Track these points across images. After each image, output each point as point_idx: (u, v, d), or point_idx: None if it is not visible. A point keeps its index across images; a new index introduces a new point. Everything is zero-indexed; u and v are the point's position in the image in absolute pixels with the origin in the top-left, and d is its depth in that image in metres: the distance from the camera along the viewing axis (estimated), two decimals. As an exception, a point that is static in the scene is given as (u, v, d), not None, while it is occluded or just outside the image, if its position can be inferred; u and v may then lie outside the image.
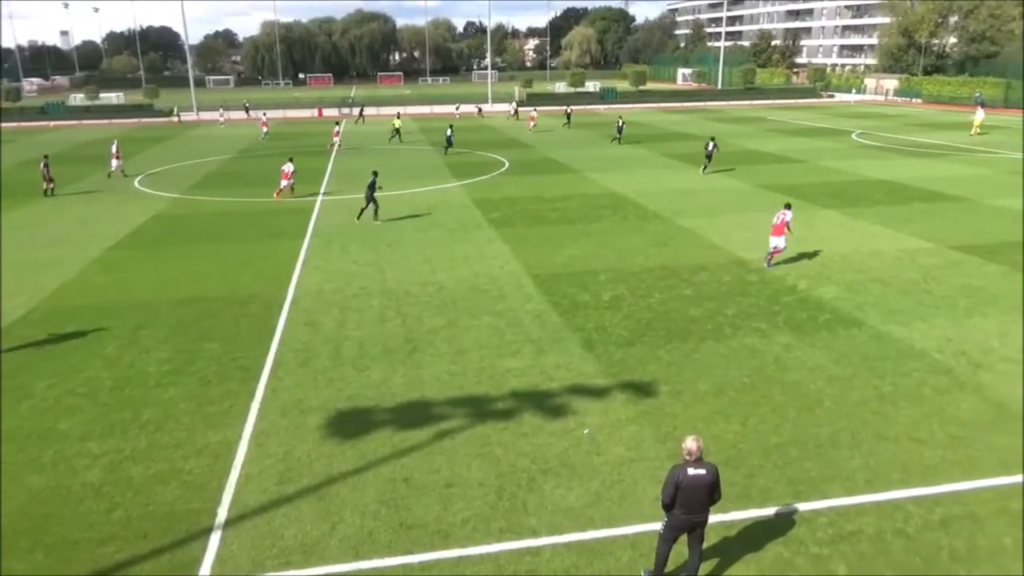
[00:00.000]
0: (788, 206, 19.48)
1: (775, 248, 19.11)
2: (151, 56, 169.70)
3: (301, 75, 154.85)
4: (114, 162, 35.74)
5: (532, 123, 56.39)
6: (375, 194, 24.77)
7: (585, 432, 10.98)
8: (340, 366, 13.46)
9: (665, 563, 7.73)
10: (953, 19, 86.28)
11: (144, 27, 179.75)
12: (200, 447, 10.69)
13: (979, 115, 50.63)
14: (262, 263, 20.28)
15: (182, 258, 21.04)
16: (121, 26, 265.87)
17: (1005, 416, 11.29)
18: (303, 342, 14.62)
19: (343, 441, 10.81)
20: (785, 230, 18.97)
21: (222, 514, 9.12)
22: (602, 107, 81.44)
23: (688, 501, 7.37)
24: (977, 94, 73.36)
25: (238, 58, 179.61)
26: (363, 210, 24.97)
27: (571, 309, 16.30)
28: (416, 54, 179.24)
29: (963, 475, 9.72)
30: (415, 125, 61.75)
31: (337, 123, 53.09)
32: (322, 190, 31.60)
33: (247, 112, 73.93)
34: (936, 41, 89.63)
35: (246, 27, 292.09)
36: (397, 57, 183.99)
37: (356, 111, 70.33)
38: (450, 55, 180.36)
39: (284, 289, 17.96)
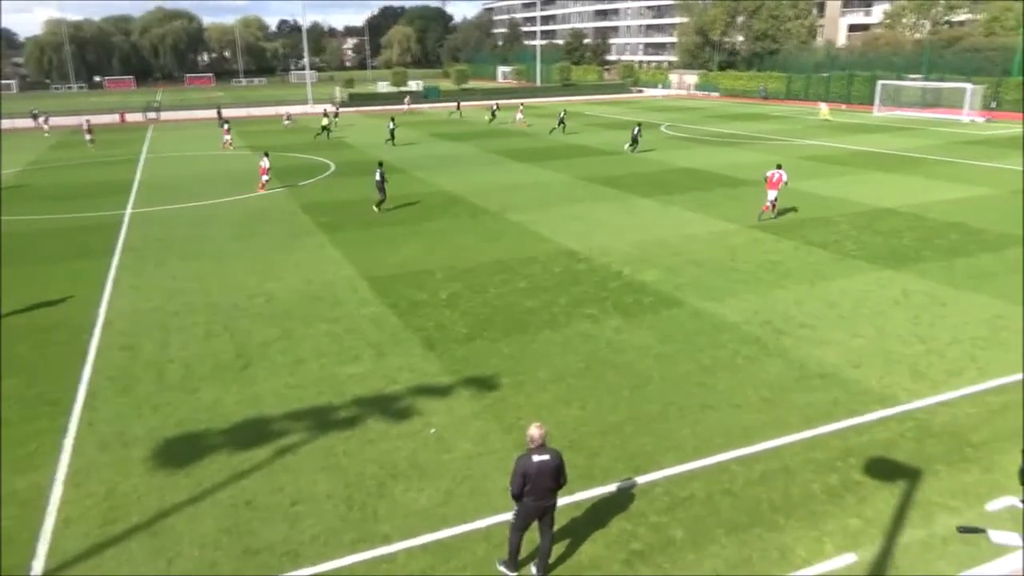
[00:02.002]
0: (780, 166, 23.76)
1: (772, 201, 23.32)
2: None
3: (97, 78, 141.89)
4: None
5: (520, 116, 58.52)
6: (385, 185, 26.23)
7: (432, 432, 11.00)
8: (165, 390, 12.56)
9: (518, 551, 7.93)
10: (740, 19, 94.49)
11: None
12: (5, 496, 9.58)
13: (823, 108, 58.38)
14: (66, 285, 18.42)
15: (-34, 286, 18.67)
16: None
17: (806, 375, 12.61)
18: (121, 368, 13.48)
19: (175, 470, 10.11)
20: (781, 185, 23.15)
21: (38, 567, 8.23)
22: (425, 106, 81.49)
23: (536, 488, 7.59)
24: (762, 87, 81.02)
25: (20, 60, 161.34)
26: (381, 201, 26.28)
27: (409, 310, 16.22)
28: (227, 54, 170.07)
29: (775, 433, 10.75)
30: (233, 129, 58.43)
31: (227, 121, 50.44)
32: (130, 203, 29.23)
33: (35, 120, 66.62)
34: (728, 39, 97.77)
35: (27, 26, 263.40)
36: (206, 57, 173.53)
37: (216, 114, 64.49)
38: (264, 55, 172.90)
39: (94, 312, 16.45)
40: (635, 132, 41.03)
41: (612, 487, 9.53)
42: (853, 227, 22.70)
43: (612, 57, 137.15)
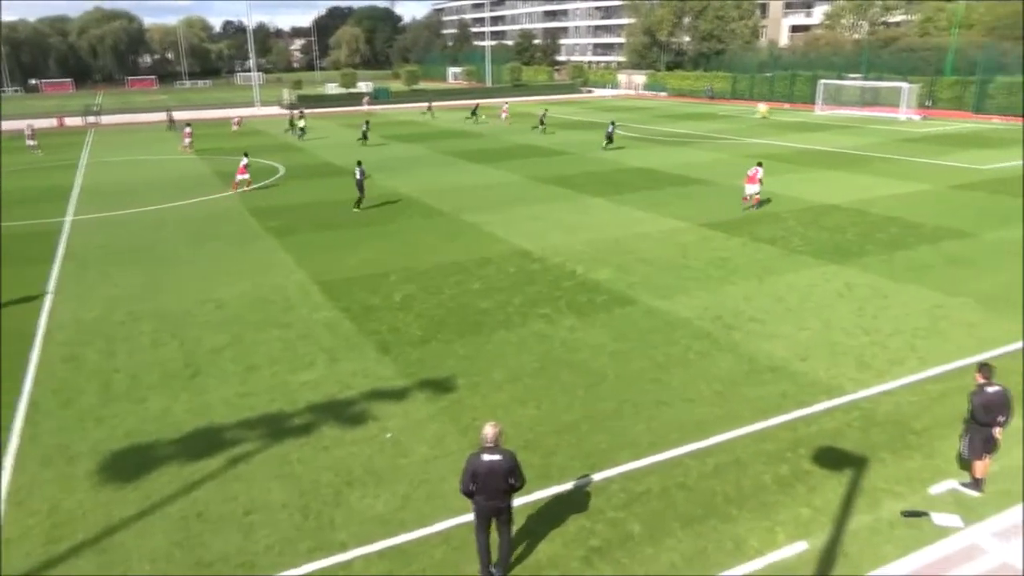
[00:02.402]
0: (760, 164, 25.60)
1: (751, 194, 24.97)
2: None
3: (33, 80, 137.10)
4: None
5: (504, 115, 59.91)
6: (364, 184, 26.81)
7: (388, 436, 10.92)
8: (112, 402, 12.22)
9: (485, 551, 7.91)
10: (687, 20, 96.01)
11: None
12: (-59, 517, 9.20)
13: (761, 107, 60.96)
14: (3, 296, 17.76)
15: None
16: None
17: (756, 369, 12.88)
18: (63, 380, 13.06)
19: (123, 484, 9.84)
20: (757, 180, 24.72)
21: (-22, 589, 7.94)
22: (377, 107, 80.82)
23: (486, 487, 7.58)
24: (708, 87, 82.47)
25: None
26: (359, 200, 26.72)
27: (363, 314, 16.08)
28: (170, 55, 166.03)
29: (728, 426, 10.96)
30: (174, 133, 57.08)
31: (188, 124, 48.98)
32: (71, 210, 28.34)
33: None
34: (675, 40, 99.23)
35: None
36: (148, 59, 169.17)
37: (167, 116, 62.33)
38: (208, 56, 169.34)
39: (33, 323, 15.90)
40: (609, 130, 42.51)
41: (569, 485, 9.60)
42: (799, 223, 23.26)
43: (562, 57, 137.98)
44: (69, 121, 68.52)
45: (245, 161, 31.38)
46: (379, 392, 12.35)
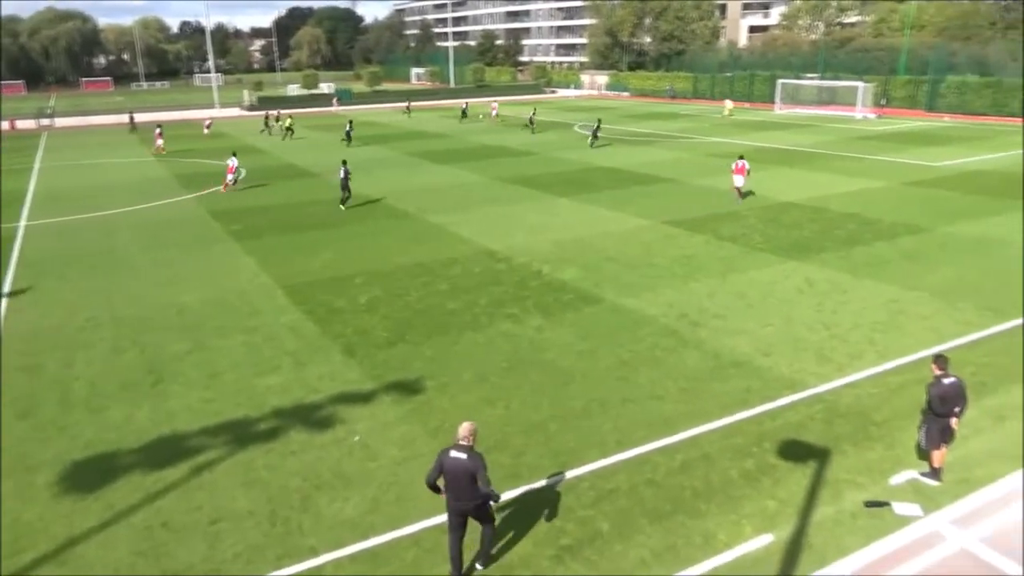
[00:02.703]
0: (741, 157, 27.07)
1: (739, 186, 26.54)
2: None
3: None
4: None
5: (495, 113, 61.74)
6: (349, 182, 26.93)
7: (356, 439, 10.84)
8: (71, 411, 11.94)
9: (456, 555, 7.87)
10: (647, 20, 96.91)
11: None
12: None
13: (728, 104, 63.21)
14: (-47, 305, 17.26)
15: None
16: None
17: (721, 365, 13.06)
18: (21, 390, 12.72)
19: (84, 495, 9.62)
20: (745, 172, 26.29)
21: (-68, 607, 7.70)
22: (340, 108, 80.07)
23: (451, 485, 7.60)
24: (669, 87, 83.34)
25: None
26: (345, 199, 26.94)
27: (328, 317, 15.94)
28: (126, 56, 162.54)
29: (694, 422, 11.09)
30: (134, 136, 55.99)
31: (159, 125, 47.81)
32: (24, 215, 27.60)
33: None
34: (636, 40, 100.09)
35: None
36: (103, 60, 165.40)
37: (129, 118, 60.67)
38: (166, 57, 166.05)
39: (-13, 332, 15.47)
40: (595, 128, 43.98)
41: (538, 484, 9.63)
42: (760, 221, 23.63)
43: (525, 58, 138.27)
44: (21, 124, 66.63)
45: (235, 162, 31.50)
46: (346, 395, 12.26)
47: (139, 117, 61.50)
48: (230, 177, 31.33)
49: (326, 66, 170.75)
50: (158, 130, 46.21)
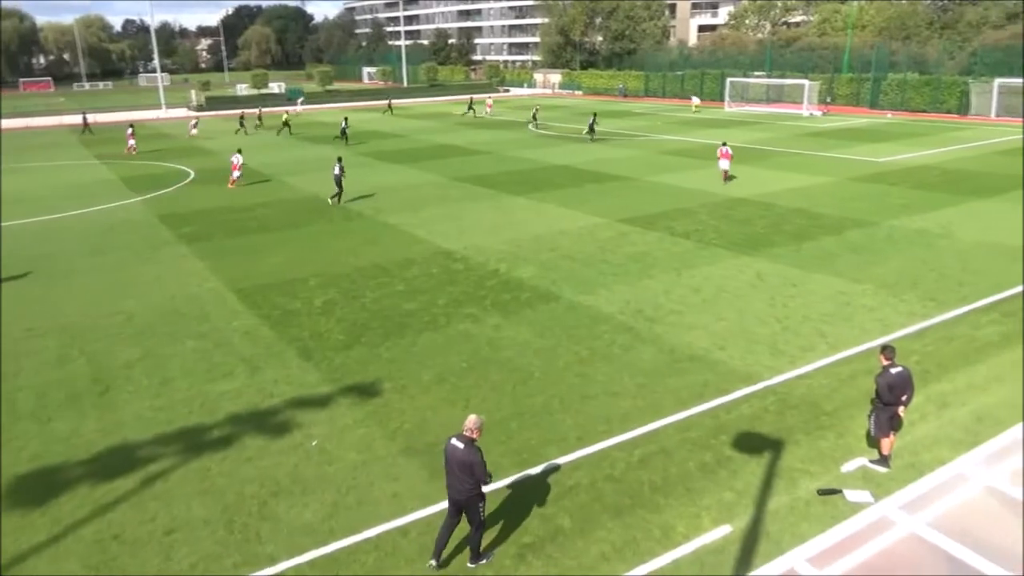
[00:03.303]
0: (725, 143, 30.11)
1: (724, 169, 29.66)
2: None
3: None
4: None
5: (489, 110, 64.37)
6: (342, 179, 27.39)
7: (313, 444, 10.70)
8: (16, 423, 11.52)
9: (442, 540, 8.07)
10: (599, 20, 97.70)
11: None
12: None
13: (695, 100, 65.63)
14: None
15: None
16: None
17: (677, 360, 13.24)
18: (-42, 403, 12.23)
19: (31, 509, 9.30)
20: (728, 157, 29.51)
21: None
22: (292, 108, 78.81)
23: (448, 473, 7.89)
24: (621, 86, 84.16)
25: None
26: (337, 195, 27.40)
27: (283, 320, 15.69)
28: (66, 56, 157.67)
29: (652, 417, 11.22)
30: (90, 137, 54.24)
31: (131, 125, 46.46)
32: (-40, 220, 26.55)
33: None
34: (588, 39, 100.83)
35: None
36: (42, 60, 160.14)
37: (83, 120, 58.08)
38: (109, 57, 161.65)
39: (-78, 344, 14.84)
40: (591, 121, 46.18)
41: (501, 483, 9.63)
42: (712, 217, 24.02)
43: (478, 57, 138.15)
44: (-46, 126, 64.11)
45: (239, 159, 31.97)
46: (303, 399, 12.09)
47: (90, 118, 59.53)
48: (236, 174, 31.82)
49: (276, 65, 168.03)
50: (130, 130, 45.04)
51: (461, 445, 7.74)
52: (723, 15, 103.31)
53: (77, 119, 61.08)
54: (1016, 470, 9.66)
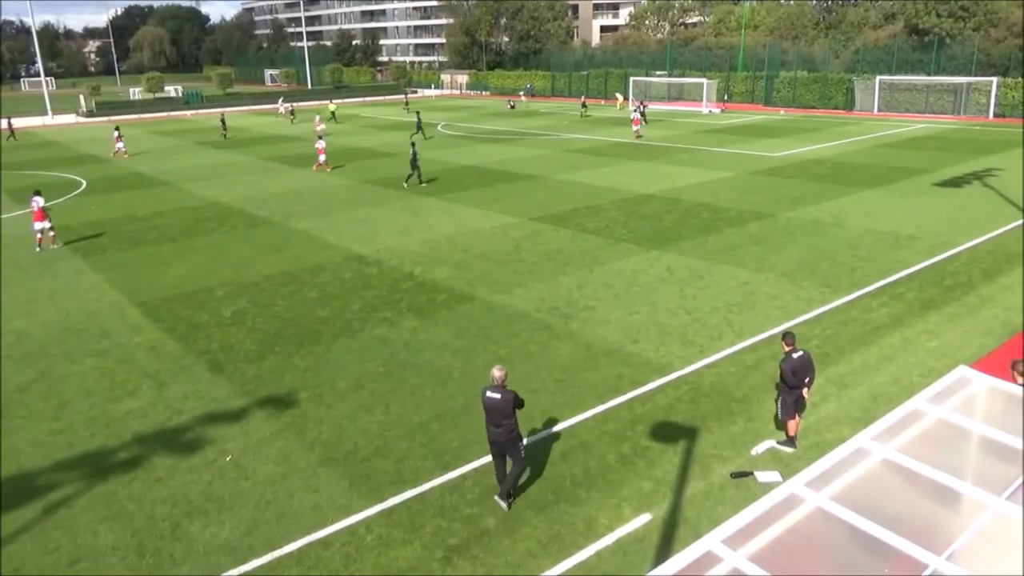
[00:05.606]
0: (636, 110, 34.74)
1: (636, 130, 39.47)
2: None
3: None
4: None
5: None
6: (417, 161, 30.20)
7: (227, 460, 10.36)
8: None
9: (499, 472, 9.24)
10: (503, 20, 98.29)
11: None
12: None
13: (619, 97, 67.50)
14: None
15: None
16: None
17: (593, 354, 13.50)
18: None
19: (-86, 549, 8.63)
20: (639, 123, 39.07)
21: None
22: (189, 112, 75.90)
23: (488, 419, 8.98)
24: (528, 85, 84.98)
25: None
26: (411, 175, 30.33)
27: (190, 333, 15.10)
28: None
29: (571, 412, 11.41)
30: (12, 143, 50.47)
31: (117, 128, 43.91)
32: None
33: None
34: (493, 40, 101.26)
35: None
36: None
37: (7, 124, 53.64)
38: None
39: None
40: (416, 120, 48.47)
41: (423, 487, 9.58)
42: (621, 213, 24.59)
43: (383, 58, 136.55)
44: None
45: (323, 143, 35.56)
46: (214, 414, 11.68)
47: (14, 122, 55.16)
48: (322, 157, 34.85)
49: (171, 68, 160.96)
50: (116, 133, 42.49)
51: (498, 396, 8.76)
52: (624, 16, 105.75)
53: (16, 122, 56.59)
54: (908, 442, 10.33)
